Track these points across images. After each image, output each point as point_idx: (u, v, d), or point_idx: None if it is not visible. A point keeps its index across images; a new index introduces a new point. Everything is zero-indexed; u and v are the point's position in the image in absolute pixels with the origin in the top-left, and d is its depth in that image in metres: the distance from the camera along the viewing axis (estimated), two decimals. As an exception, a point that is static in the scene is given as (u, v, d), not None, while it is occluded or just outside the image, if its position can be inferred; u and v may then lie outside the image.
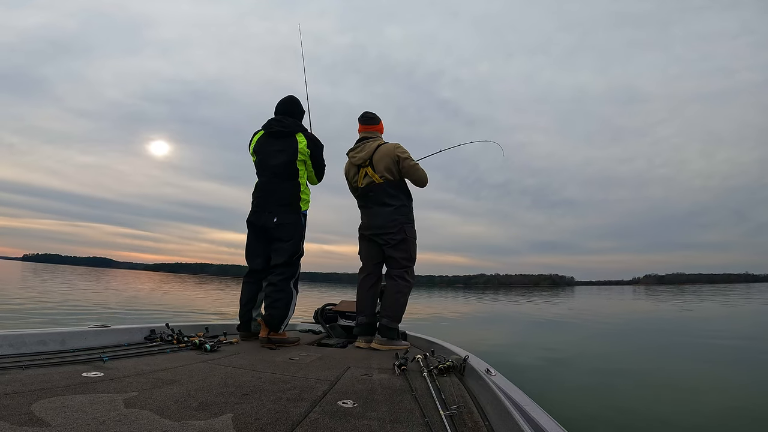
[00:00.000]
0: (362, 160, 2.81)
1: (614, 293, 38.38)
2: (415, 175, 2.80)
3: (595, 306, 17.02)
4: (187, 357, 1.89)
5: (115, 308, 9.18)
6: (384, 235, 2.76)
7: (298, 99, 2.84)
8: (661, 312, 13.00)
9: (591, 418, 2.81)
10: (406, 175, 2.80)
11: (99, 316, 7.65)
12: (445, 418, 1.11)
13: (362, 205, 2.92)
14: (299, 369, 1.80)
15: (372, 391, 1.45)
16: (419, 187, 2.90)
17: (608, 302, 20.99)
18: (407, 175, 2.80)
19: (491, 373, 1.56)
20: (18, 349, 1.64)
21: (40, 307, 8.03)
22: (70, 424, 0.93)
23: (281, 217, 2.58)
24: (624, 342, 6.63)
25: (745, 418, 2.82)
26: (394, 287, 2.73)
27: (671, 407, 3.00)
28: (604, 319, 10.74)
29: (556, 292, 42.61)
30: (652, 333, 7.66)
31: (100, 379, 1.36)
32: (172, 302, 12.22)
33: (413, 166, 2.78)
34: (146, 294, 15.70)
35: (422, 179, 2.83)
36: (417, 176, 2.80)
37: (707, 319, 10.44)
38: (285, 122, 2.69)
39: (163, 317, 7.49)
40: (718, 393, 3.42)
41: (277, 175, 2.61)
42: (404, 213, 2.79)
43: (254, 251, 2.69)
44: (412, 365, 1.88)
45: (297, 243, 2.61)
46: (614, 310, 14.25)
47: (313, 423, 1.07)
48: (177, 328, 2.39)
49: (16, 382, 1.23)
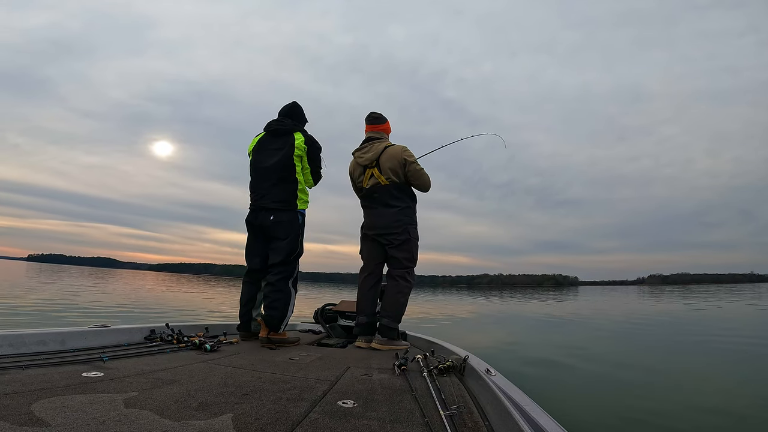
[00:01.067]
0: (369, 161, 2.83)
1: (619, 293, 37.99)
2: (419, 180, 2.82)
3: (613, 306, 16.85)
4: (187, 357, 1.89)
5: (117, 308, 9.19)
6: (388, 235, 2.77)
7: (302, 107, 2.87)
8: (678, 311, 12.87)
9: (594, 418, 2.81)
10: (411, 179, 2.82)
11: (102, 315, 7.66)
12: (445, 418, 1.11)
13: (366, 205, 2.93)
14: (299, 369, 1.80)
15: (372, 391, 1.45)
16: (422, 192, 2.92)
17: (619, 302, 20.78)
18: (412, 179, 2.82)
19: (491, 373, 1.56)
20: (18, 349, 1.64)
21: (45, 307, 8.05)
22: (70, 424, 0.93)
23: (278, 215, 2.58)
24: (644, 342, 6.51)
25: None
26: (394, 287, 2.73)
27: (681, 408, 2.98)
28: (630, 318, 10.59)
29: (561, 293, 42.18)
30: (682, 334, 7.32)
31: (100, 379, 1.36)
32: (173, 302, 12.23)
33: (419, 171, 2.80)
34: (148, 294, 15.71)
35: (426, 184, 2.85)
36: (421, 181, 2.83)
37: (727, 319, 10.27)
38: (284, 121, 2.73)
39: (163, 317, 7.50)
40: (728, 394, 3.38)
41: (273, 173, 2.61)
42: (408, 214, 2.81)
43: (253, 251, 2.70)
44: (412, 365, 1.89)
45: (294, 241, 2.60)
46: (635, 310, 14.11)
47: (313, 423, 1.07)
48: (177, 328, 2.39)
49: (16, 382, 1.23)
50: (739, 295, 23.89)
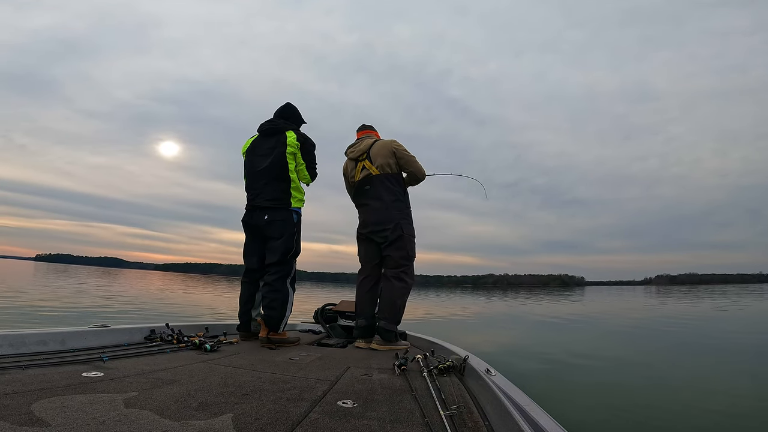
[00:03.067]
0: (360, 152, 2.87)
1: (626, 293, 37.57)
2: (413, 166, 2.85)
3: (617, 306, 16.69)
4: (187, 357, 1.89)
5: (121, 308, 9.20)
6: (381, 232, 2.75)
7: (296, 108, 2.88)
8: (684, 312, 12.74)
9: (594, 418, 2.80)
10: (405, 165, 2.84)
11: (108, 315, 7.68)
12: (445, 418, 1.11)
13: (358, 202, 2.94)
14: (299, 369, 1.80)
15: (372, 391, 1.45)
16: (416, 181, 2.93)
17: (624, 301, 20.52)
18: (405, 165, 2.84)
19: (491, 373, 1.56)
20: (18, 349, 1.64)
21: (55, 307, 8.07)
22: (70, 424, 0.93)
23: (272, 214, 2.58)
24: (647, 342, 6.43)
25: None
26: (389, 289, 2.70)
27: (682, 408, 2.97)
28: (634, 319, 10.47)
29: (566, 293, 41.74)
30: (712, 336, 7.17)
31: (100, 379, 1.36)
32: (175, 302, 12.23)
33: (411, 157, 2.84)
34: (152, 294, 15.70)
35: (420, 171, 2.88)
36: (415, 167, 2.85)
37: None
38: (276, 122, 2.74)
39: (163, 317, 7.50)
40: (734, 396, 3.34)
41: (267, 172, 2.61)
42: (400, 209, 2.79)
43: (250, 251, 2.70)
44: (412, 365, 1.88)
45: (289, 240, 2.60)
46: (638, 309, 13.95)
47: (313, 423, 1.07)
48: (177, 328, 2.39)
49: (16, 382, 1.23)
50: (750, 296, 23.51)
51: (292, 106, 2.87)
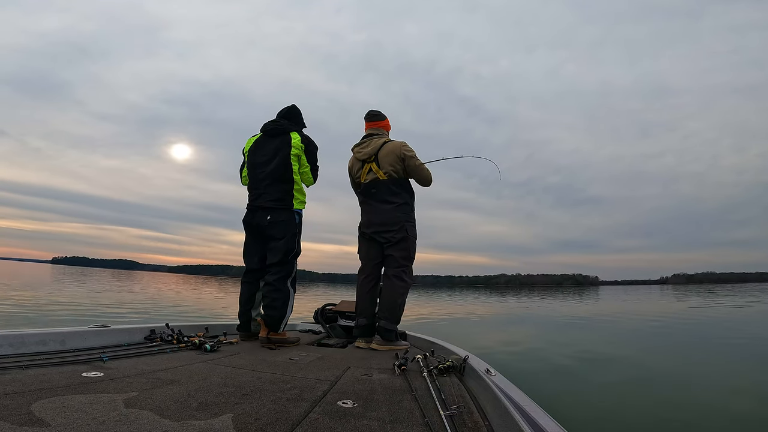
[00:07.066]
0: (367, 155, 2.83)
1: (642, 293, 37.04)
2: (419, 175, 2.83)
3: (630, 306, 16.44)
4: (187, 357, 1.89)
5: (128, 308, 9.20)
6: (385, 233, 2.75)
7: (300, 110, 2.88)
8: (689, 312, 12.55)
9: (594, 418, 2.80)
10: (411, 173, 2.82)
11: (117, 316, 7.69)
12: (445, 418, 1.11)
13: (363, 201, 2.93)
14: (299, 369, 1.80)
15: (372, 391, 1.45)
16: (423, 186, 2.92)
17: (639, 301, 20.20)
18: (412, 173, 2.82)
19: (491, 373, 1.56)
20: (18, 349, 1.64)
21: (72, 309, 8.09)
22: (70, 424, 0.93)
23: (274, 215, 2.59)
24: (651, 343, 6.32)
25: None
26: (390, 288, 2.70)
27: (683, 408, 2.96)
28: (644, 319, 10.27)
29: (579, 293, 41.11)
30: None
31: (100, 379, 1.36)
32: (180, 302, 12.23)
33: (418, 166, 2.80)
34: (160, 294, 15.70)
35: (426, 178, 2.85)
36: (422, 176, 2.83)
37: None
38: (280, 122, 2.74)
39: (164, 317, 7.50)
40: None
41: (270, 173, 2.61)
42: (406, 212, 2.79)
43: (251, 251, 2.70)
44: (412, 365, 1.88)
45: (291, 241, 2.60)
46: (650, 310, 13.72)
47: (313, 423, 1.07)
48: (177, 328, 2.39)
49: (16, 382, 1.23)
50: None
51: (297, 108, 2.87)
